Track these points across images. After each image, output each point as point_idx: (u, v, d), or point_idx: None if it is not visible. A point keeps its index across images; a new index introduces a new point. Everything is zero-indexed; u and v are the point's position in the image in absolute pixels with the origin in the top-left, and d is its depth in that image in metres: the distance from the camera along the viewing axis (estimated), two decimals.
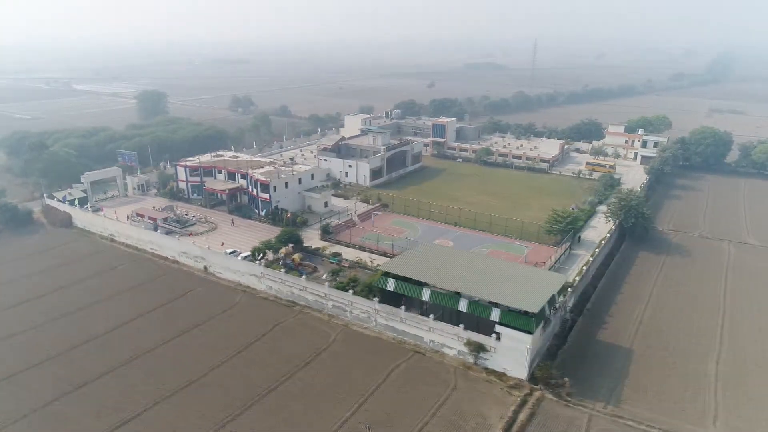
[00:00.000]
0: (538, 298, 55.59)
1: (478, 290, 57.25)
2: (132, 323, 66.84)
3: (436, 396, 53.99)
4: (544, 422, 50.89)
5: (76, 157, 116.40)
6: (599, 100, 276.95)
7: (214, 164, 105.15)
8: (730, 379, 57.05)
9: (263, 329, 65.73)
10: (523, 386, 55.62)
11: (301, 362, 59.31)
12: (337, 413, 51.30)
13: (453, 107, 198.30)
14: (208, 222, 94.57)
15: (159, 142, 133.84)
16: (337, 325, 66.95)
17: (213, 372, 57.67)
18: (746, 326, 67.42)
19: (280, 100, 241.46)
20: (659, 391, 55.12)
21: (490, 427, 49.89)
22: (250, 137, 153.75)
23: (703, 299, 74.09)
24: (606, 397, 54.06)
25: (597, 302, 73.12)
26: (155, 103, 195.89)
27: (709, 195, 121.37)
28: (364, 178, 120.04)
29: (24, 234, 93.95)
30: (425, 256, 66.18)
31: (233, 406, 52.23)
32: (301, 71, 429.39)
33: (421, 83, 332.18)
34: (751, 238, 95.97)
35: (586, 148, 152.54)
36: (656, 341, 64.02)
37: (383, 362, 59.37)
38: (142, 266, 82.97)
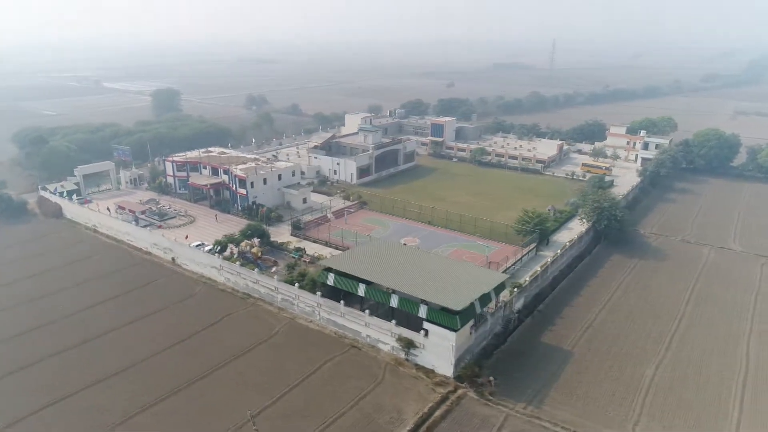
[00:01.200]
0: (466, 296, 55.53)
1: (408, 287, 57.57)
2: (91, 309, 69.74)
3: (359, 389, 54.66)
4: (459, 419, 50.95)
5: (75, 152, 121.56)
6: (620, 101, 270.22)
7: (200, 160, 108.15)
8: (664, 385, 55.73)
9: (212, 319, 67.61)
10: (448, 383, 55.71)
11: (239, 352, 60.87)
12: (259, 401, 52.56)
13: (461, 107, 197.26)
14: (187, 215, 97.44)
15: (160, 138, 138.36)
16: (284, 317, 68.33)
17: (153, 358, 59.82)
18: (700, 333, 65.55)
19: (294, 98, 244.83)
20: (586, 395, 54.35)
21: (403, 422, 50.28)
22: (252, 135, 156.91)
23: (663, 304, 72.29)
24: (530, 398, 53.63)
25: (551, 304, 72.27)
26: (168, 101, 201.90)
27: (706, 199, 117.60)
28: (352, 176, 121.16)
29: (16, 223, 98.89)
30: (368, 253, 66.82)
31: (162, 390, 54.14)
32: (325, 71, 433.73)
33: (443, 83, 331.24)
34: (735, 244, 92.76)
35: (589, 150, 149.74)
36: (601, 345, 62.96)
37: (318, 355, 60.35)
38: (117, 256, 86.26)
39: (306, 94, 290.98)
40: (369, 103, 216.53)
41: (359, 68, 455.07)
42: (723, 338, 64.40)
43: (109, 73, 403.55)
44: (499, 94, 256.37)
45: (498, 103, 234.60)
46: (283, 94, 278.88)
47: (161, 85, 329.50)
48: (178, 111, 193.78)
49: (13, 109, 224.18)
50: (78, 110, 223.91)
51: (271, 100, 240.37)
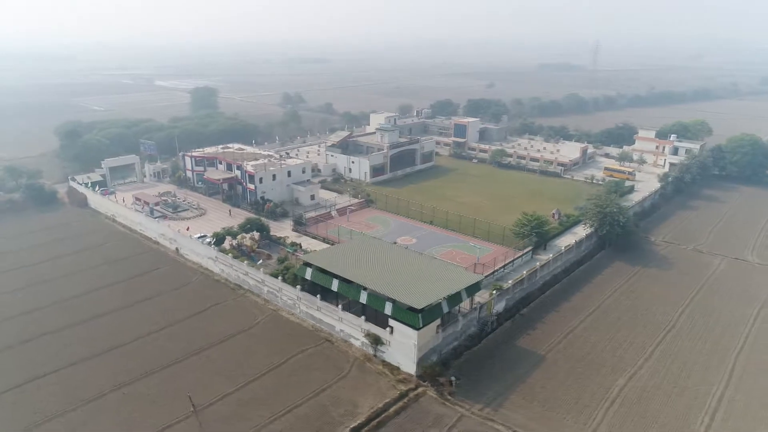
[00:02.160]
0: (430, 295, 55.83)
1: (377, 284, 58.36)
2: (93, 293, 74.10)
3: (323, 382, 55.94)
4: (413, 417, 51.42)
5: (107, 145, 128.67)
6: (666, 104, 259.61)
7: (216, 156, 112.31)
8: (633, 396, 54.20)
9: (201, 308, 70.58)
10: (410, 381, 56.17)
11: (218, 340, 63.38)
12: (222, 388, 54.71)
13: (491, 108, 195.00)
14: (199, 208, 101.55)
15: (189, 134, 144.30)
16: (268, 309, 70.49)
17: (138, 340, 63.16)
18: (686, 345, 63.11)
19: (331, 97, 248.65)
20: (548, 400, 53.59)
21: (356, 415, 51.19)
22: (278, 132, 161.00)
23: (655, 314, 69.91)
24: (489, 400, 53.40)
25: (537, 308, 71.23)
26: (206, 98, 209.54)
27: (732, 208, 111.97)
28: (365, 175, 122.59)
29: (44, 211, 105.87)
30: (349, 250, 67.99)
31: (139, 372, 57.23)
32: (370, 70, 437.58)
33: (483, 83, 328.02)
34: (753, 256, 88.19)
35: (617, 153, 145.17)
36: (577, 351, 61.71)
37: (291, 347, 62.06)
38: (128, 245, 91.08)
39: (345, 92, 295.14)
40: (402, 103, 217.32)
41: (403, 67, 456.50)
42: (709, 352, 61.79)
43: (163, 71, 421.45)
44: (541, 95, 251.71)
45: (533, 105, 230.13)
46: (321, 92, 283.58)
47: (209, 83, 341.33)
48: (214, 108, 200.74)
49: (65, 105, 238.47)
50: (124, 106, 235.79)
51: (308, 99, 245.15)
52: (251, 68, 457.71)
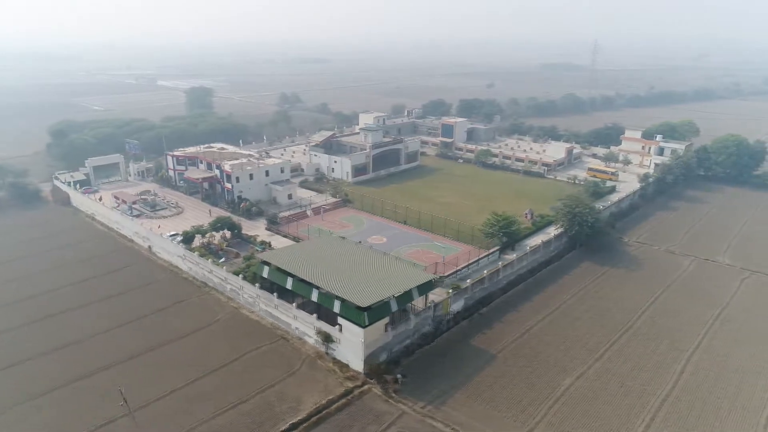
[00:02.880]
0: (377, 294, 56.35)
1: (327, 282, 58.95)
2: (62, 289, 75.34)
3: (272, 378, 56.69)
4: (354, 414, 51.99)
5: (94, 145, 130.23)
6: (665, 104, 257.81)
7: (197, 155, 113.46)
8: (578, 395, 54.41)
9: (164, 304, 71.63)
10: (358, 378, 56.76)
11: (176, 336, 64.37)
12: (174, 382, 55.70)
13: (483, 107, 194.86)
14: (177, 207, 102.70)
15: (179, 133, 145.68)
16: (230, 307, 71.37)
17: (97, 336, 64.30)
18: (640, 346, 63.12)
19: (328, 97, 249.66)
20: (492, 399, 53.94)
21: (299, 411, 51.86)
22: (268, 132, 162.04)
23: (615, 314, 69.91)
24: (432, 398, 53.84)
25: (497, 307, 71.48)
26: (202, 98, 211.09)
27: (713, 209, 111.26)
28: (347, 174, 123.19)
29: (27, 209, 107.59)
30: (307, 248, 68.73)
31: (93, 367, 58.29)
32: (369, 70, 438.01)
33: (483, 83, 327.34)
34: (724, 257, 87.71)
35: (604, 154, 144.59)
36: (530, 351, 61.92)
37: (247, 344, 62.86)
38: (103, 243, 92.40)
39: (344, 92, 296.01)
40: (399, 102, 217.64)
41: (403, 67, 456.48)
42: (663, 353, 61.78)
43: (165, 71, 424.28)
44: (541, 95, 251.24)
45: (529, 105, 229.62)
46: (320, 92, 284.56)
47: (210, 83, 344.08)
48: (209, 108, 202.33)
49: (65, 104, 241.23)
50: (123, 106, 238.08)
51: (305, 99, 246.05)
52: (252, 68, 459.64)
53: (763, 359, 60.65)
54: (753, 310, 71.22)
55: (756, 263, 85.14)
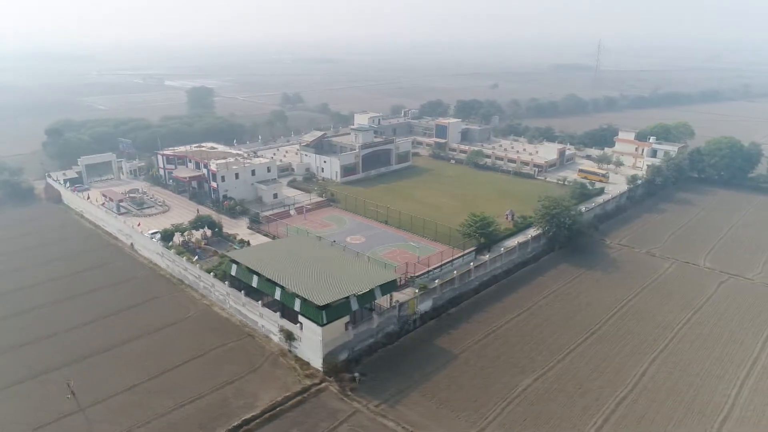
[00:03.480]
0: (336, 293, 56.86)
1: (288, 281, 59.60)
2: (42, 285, 76.90)
3: (233, 375, 57.47)
4: (308, 411, 52.56)
5: (88, 143, 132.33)
6: (670, 105, 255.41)
7: (186, 154, 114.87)
8: (533, 396, 54.47)
9: (139, 300, 72.82)
10: (316, 376, 57.32)
11: (146, 332, 65.42)
12: (137, 376, 56.76)
13: (480, 108, 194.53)
14: (163, 205, 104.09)
15: (174, 133, 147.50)
16: (202, 304, 72.33)
17: (70, 331, 65.56)
18: (604, 348, 62.91)
19: (333, 97, 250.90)
20: (447, 399, 54.18)
21: (254, 407, 52.54)
22: (263, 131, 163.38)
23: (585, 316, 69.71)
24: (388, 397, 54.20)
25: (467, 307, 71.60)
26: (202, 98, 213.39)
27: (702, 212, 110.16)
28: (336, 174, 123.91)
29: (19, 206, 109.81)
30: (276, 247, 69.61)
31: (62, 361, 59.45)
32: (377, 70, 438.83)
33: (488, 84, 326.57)
34: (706, 261, 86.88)
35: (598, 155, 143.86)
36: (493, 352, 62.01)
37: (214, 340, 63.74)
38: (88, 240, 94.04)
39: (347, 92, 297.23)
40: (401, 103, 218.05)
41: (412, 68, 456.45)
42: (626, 355, 61.56)
43: (176, 71, 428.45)
44: (545, 96, 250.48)
45: (530, 106, 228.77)
46: (323, 93, 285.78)
47: (217, 83, 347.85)
48: (209, 108, 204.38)
49: (72, 103, 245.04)
50: (127, 105, 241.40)
51: (307, 99, 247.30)
52: (261, 68, 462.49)
53: (727, 363, 60.22)
54: (725, 314, 70.64)
55: (736, 267, 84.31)
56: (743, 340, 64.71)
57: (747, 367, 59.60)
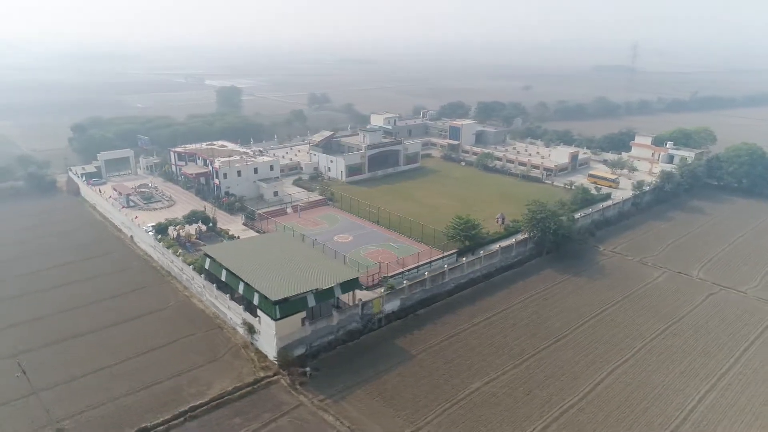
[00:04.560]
0: (292, 289, 58.45)
1: (250, 275, 61.60)
2: (43, 272, 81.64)
3: (193, 364, 59.98)
4: (254, 401, 54.38)
5: (110, 140, 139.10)
6: (708, 109, 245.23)
7: (196, 151, 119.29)
8: (478, 400, 54.48)
9: (126, 290, 76.62)
10: (271, 369, 59.12)
11: (125, 319, 68.86)
12: (106, 360, 60.05)
13: (502, 110, 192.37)
14: (170, 200, 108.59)
15: (194, 131, 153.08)
16: (183, 295, 75.47)
17: (58, 314, 69.68)
18: (564, 356, 62.01)
19: (359, 97, 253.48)
20: (392, 397, 54.89)
21: (204, 395, 54.77)
22: (282, 131, 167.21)
23: (554, 322, 68.81)
24: (334, 393, 55.38)
25: (437, 309, 71.85)
26: (230, 98, 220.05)
27: (712, 221, 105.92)
28: (342, 174, 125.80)
29: (41, 198, 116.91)
30: (249, 243, 71.86)
31: (43, 341, 63.49)
32: (412, 71, 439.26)
33: (521, 85, 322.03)
34: (701, 272, 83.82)
35: (611, 160, 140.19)
36: (450, 354, 62.17)
37: (185, 330, 66.55)
38: (95, 231, 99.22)
39: (377, 93, 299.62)
40: (420, 103, 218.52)
41: (448, 69, 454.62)
42: (586, 364, 60.55)
43: (218, 71, 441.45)
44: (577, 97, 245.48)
45: (557, 108, 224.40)
46: (353, 93, 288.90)
47: (253, 82, 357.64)
48: (236, 107, 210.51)
49: (113, 101, 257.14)
50: (163, 103, 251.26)
51: (333, 99, 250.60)
52: (303, 68, 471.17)
53: (691, 377, 58.40)
54: (705, 327, 68.24)
55: (732, 279, 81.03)
56: (716, 354, 62.48)
57: (712, 381, 57.64)
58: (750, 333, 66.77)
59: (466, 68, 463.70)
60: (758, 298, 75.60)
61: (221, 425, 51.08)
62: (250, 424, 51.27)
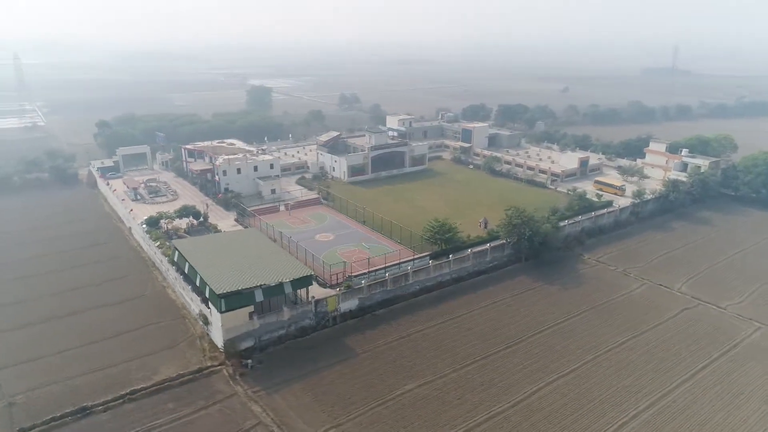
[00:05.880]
0: (238, 283, 60.87)
1: (204, 269, 64.41)
2: (36, 258, 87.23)
3: (148, 350, 63.19)
4: (192, 389, 56.91)
5: (134, 136, 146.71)
6: (755, 115, 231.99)
7: (204, 149, 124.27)
8: (408, 401, 55.00)
9: (112, 277, 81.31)
10: (218, 359, 61.66)
11: (100, 305, 73.11)
12: (71, 343, 64.22)
13: (525, 113, 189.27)
14: (175, 195, 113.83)
15: (214, 128, 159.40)
16: (161, 285, 79.32)
17: (41, 298, 74.67)
18: (509, 363, 61.43)
19: (391, 99, 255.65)
20: (324, 394, 56.16)
21: (149, 380, 57.85)
22: (300, 130, 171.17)
23: (509, 330, 68.09)
24: (269, 386, 57.20)
25: (396, 310, 72.48)
26: (260, 97, 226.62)
27: (716, 234, 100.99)
28: (344, 174, 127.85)
29: (62, 189, 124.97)
30: (217, 239, 74.99)
31: (18, 323, 68.43)
32: (451, 71, 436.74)
33: (560, 87, 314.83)
34: (684, 285, 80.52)
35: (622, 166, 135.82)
36: (395, 356, 62.63)
37: (152, 318, 70.06)
38: (100, 221, 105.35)
39: (409, 94, 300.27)
40: (442, 105, 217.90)
41: (492, 69, 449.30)
42: (529, 372, 59.79)
43: (262, 71, 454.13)
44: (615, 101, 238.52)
45: (587, 112, 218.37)
46: (384, 94, 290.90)
47: (293, 82, 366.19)
48: (266, 106, 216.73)
49: (156, 99, 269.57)
50: (200, 102, 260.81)
51: (364, 99, 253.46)
52: (348, 68, 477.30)
53: (634, 392, 56.71)
54: (667, 342, 65.86)
55: (715, 294, 77.49)
56: (668, 371, 60.33)
57: (654, 398, 55.82)
58: (714, 351, 63.96)
59: (505, 69, 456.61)
60: (736, 315, 72.07)
61: (155, 409, 53.90)
62: (182, 409, 53.87)
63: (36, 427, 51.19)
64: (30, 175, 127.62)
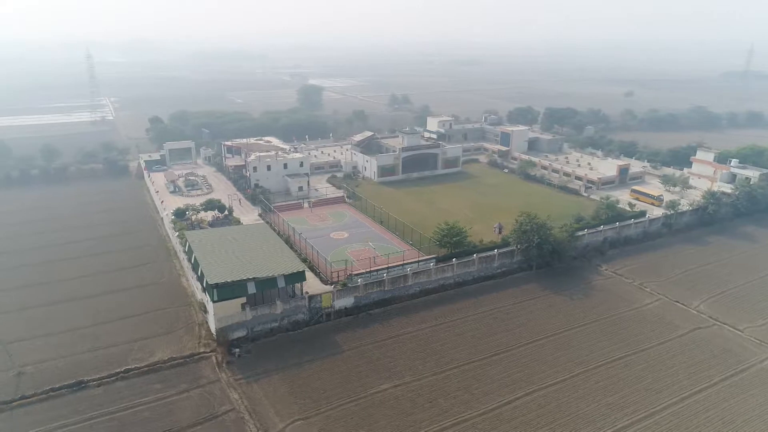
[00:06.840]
0: (231, 275, 63.57)
1: (205, 260, 67.64)
2: (77, 243, 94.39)
3: (150, 333, 67.23)
4: (180, 372, 60.14)
5: (182, 131, 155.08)
6: None
7: (240, 145, 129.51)
8: (379, 402, 55.64)
9: (136, 263, 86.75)
10: (211, 347, 64.69)
11: (118, 289, 78.22)
12: (84, 322, 69.43)
13: (573, 117, 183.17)
14: (210, 188, 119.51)
15: (260, 125, 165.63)
16: (177, 273, 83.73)
17: (65, 281, 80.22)
18: (492, 372, 60.61)
19: (442, 100, 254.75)
20: (302, 387, 57.76)
21: (143, 361, 61.66)
22: (343, 130, 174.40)
23: (500, 338, 67.02)
24: (251, 375, 59.54)
25: (392, 311, 73.13)
26: (310, 96, 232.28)
27: (753, 251, 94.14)
28: (374, 173, 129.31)
29: (113, 179, 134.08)
30: (225, 232, 78.40)
31: (45, 300, 74.53)
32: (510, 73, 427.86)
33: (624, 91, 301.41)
34: (704, 304, 75.89)
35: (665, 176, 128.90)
36: (379, 355, 63.44)
37: (162, 304, 74.24)
38: (138, 210, 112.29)
39: (461, 95, 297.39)
40: (489, 107, 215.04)
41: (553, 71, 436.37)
42: (508, 383, 58.74)
43: (326, 71, 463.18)
44: (682, 105, 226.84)
45: (644, 118, 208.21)
46: (437, 95, 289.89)
47: (354, 82, 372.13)
48: (315, 105, 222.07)
49: (217, 97, 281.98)
50: (257, 100, 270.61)
51: (414, 100, 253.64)
52: (409, 69, 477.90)
53: (617, 410, 54.53)
54: (667, 361, 62.57)
55: (735, 315, 72.55)
56: (661, 391, 57.44)
57: (636, 417, 53.46)
58: (715, 375, 60.15)
59: (567, 70, 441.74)
60: (753, 338, 67.25)
61: (143, 388, 57.46)
62: (167, 390, 57.14)
63: (35, 396, 55.99)
64: (85, 166, 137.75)
